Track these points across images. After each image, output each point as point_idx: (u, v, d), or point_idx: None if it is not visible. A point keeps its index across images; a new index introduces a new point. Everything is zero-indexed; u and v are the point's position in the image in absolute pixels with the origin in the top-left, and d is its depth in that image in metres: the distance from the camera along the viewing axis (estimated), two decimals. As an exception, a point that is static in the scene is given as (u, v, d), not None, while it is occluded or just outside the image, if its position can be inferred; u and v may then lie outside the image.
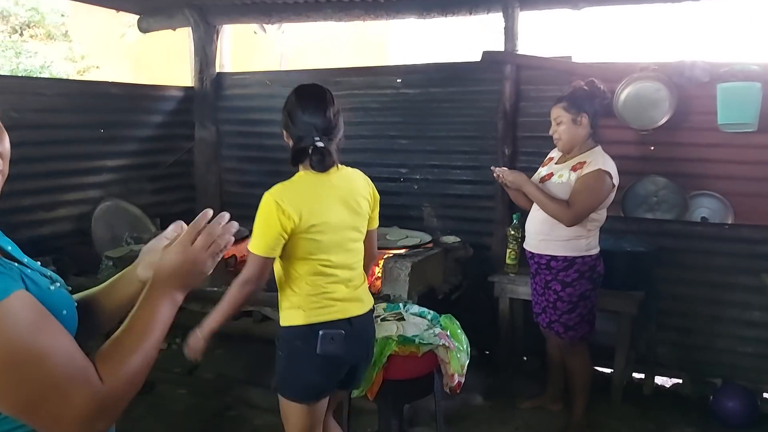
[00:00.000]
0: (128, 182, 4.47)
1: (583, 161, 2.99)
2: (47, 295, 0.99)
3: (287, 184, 2.12)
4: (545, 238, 3.07)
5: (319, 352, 2.06)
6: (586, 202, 2.92)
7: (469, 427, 3.33)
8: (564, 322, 3.10)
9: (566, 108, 3.02)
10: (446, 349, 2.53)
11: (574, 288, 3.05)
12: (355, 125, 4.49)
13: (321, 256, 2.09)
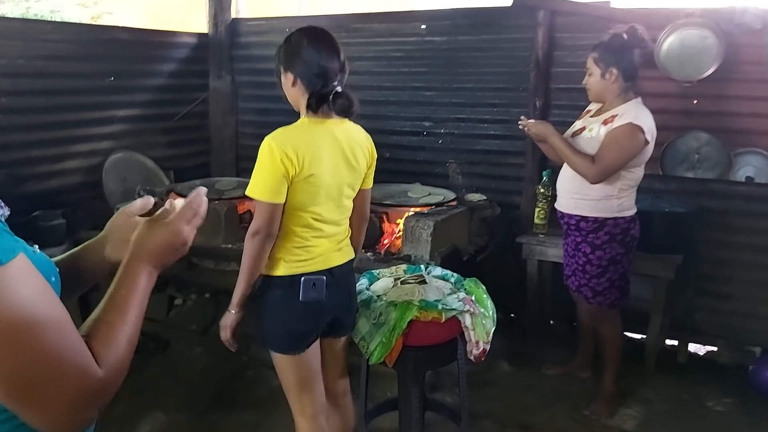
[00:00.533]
0: (141, 134, 4.30)
1: (614, 114, 2.77)
2: (35, 258, 0.85)
3: (289, 129, 2.01)
4: (575, 197, 2.88)
5: (302, 299, 2.03)
6: (612, 158, 2.70)
7: (493, 393, 3.19)
8: (593, 286, 2.92)
9: (596, 60, 2.81)
10: (471, 315, 2.36)
11: (604, 251, 2.86)
12: (376, 75, 4.27)
13: (313, 208, 2.01)
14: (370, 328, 2.34)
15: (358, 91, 4.27)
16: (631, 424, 2.95)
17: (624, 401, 3.14)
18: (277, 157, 1.89)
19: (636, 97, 2.82)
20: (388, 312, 2.32)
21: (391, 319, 2.30)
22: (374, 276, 2.67)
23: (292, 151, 1.90)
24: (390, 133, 4.27)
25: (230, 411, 3.06)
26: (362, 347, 2.35)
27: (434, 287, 2.53)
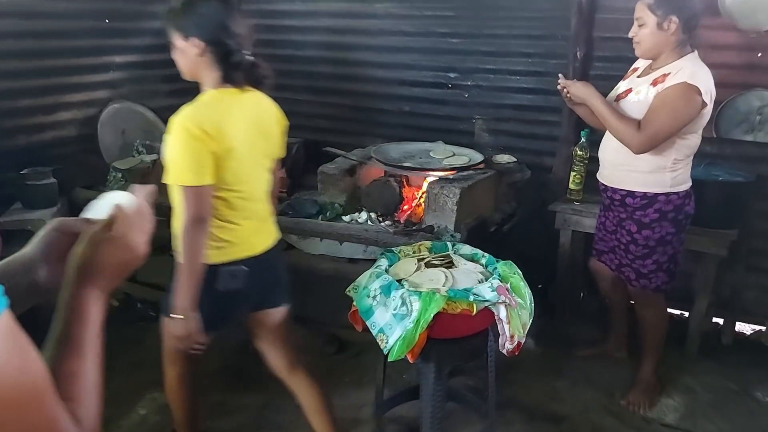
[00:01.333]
0: (140, 82, 3.95)
1: (666, 73, 2.38)
2: None
3: (199, 104, 1.85)
4: (622, 168, 2.55)
5: (221, 290, 1.93)
6: (662, 124, 2.34)
7: (520, 377, 2.93)
8: (636, 268, 2.62)
9: (651, 6, 2.37)
10: (506, 306, 2.07)
11: (653, 230, 2.54)
12: (396, 19, 3.87)
13: (236, 186, 1.88)
14: (389, 319, 2.06)
15: (376, 37, 3.98)
16: (672, 417, 2.69)
17: (664, 389, 2.87)
18: (196, 136, 1.74)
19: (692, 51, 2.43)
20: (411, 301, 2.03)
21: (415, 311, 2.01)
22: (395, 256, 2.36)
23: (210, 126, 1.75)
24: (411, 84, 3.90)
25: (235, 391, 2.84)
26: (381, 341, 2.07)
27: (464, 271, 2.23)
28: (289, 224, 3.04)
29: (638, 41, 2.46)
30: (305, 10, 4.13)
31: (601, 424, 2.63)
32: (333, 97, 4.12)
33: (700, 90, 2.31)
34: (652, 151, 2.41)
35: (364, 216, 3.10)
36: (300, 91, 4.22)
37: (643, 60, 2.58)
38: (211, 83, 1.87)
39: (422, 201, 3.05)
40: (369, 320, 2.12)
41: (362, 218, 3.09)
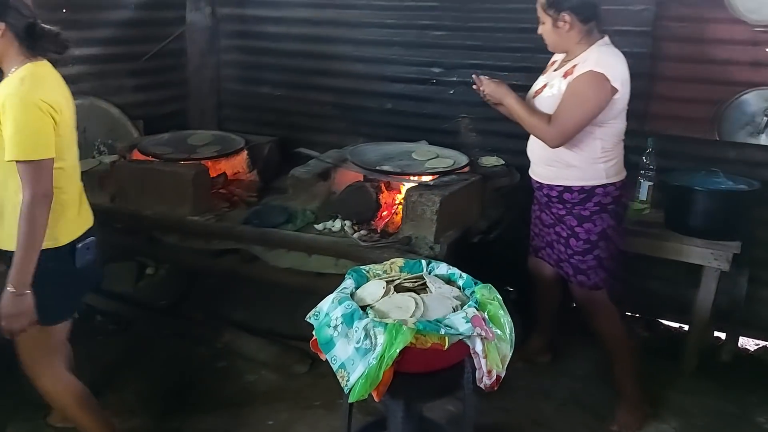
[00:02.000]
0: (103, 76, 3.70)
1: (575, 64, 2.36)
2: None
3: (29, 78, 1.84)
4: (555, 165, 2.47)
5: (79, 266, 1.99)
6: (571, 116, 2.31)
7: (502, 401, 2.69)
8: (575, 263, 2.52)
9: (544, 7, 2.39)
10: (482, 339, 1.85)
11: (594, 224, 2.46)
12: (377, 10, 3.65)
13: (69, 159, 1.96)
14: (351, 353, 1.84)
15: (356, 29, 3.73)
16: (670, 447, 2.49)
17: (658, 412, 2.66)
18: (43, 109, 1.79)
19: (602, 37, 2.39)
20: (376, 334, 1.81)
21: (379, 345, 1.79)
22: (363, 276, 2.14)
23: (50, 98, 1.82)
24: (392, 80, 3.67)
25: (195, 413, 2.63)
26: (341, 378, 1.85)
27: (437, 296, 2.00)
28: (255, 234, 2.82)
29: (544, 39, 2.47)
30: (281, 1, 3.88)
31: (589, 455, 2.42)
32: (311, 93, 3.89)
33: (606, 76, 2.27)
34: (579, 144, 2.36)
35: (338, 224, 2.87)
36: (277, 86, 4.00)
37: (559, 55, 2.54)
38: (20, 60, 1.87)
39: (400, 209, 2.82)
40: (329, 353, 1.90)
41: (336, 226, 2.86)
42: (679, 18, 2.95)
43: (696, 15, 2.91)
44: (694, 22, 2.92)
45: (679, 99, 3.05)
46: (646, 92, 3.06)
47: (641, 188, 2.99)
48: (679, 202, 2.80)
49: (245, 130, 3.78)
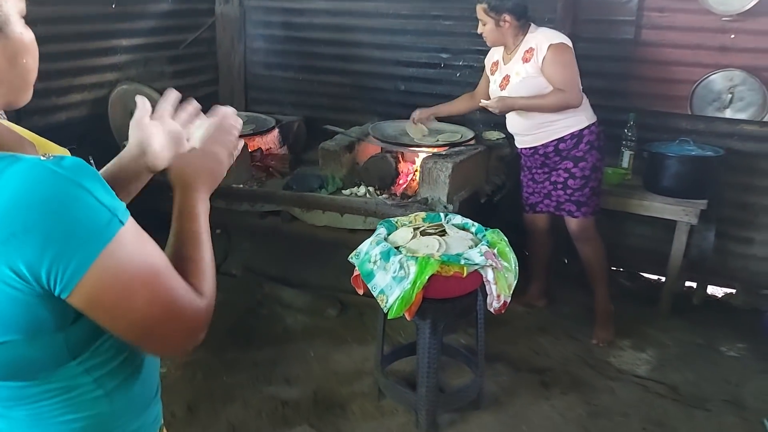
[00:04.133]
0: (146, 63, 4.13)
1: (530, 48, 2.87)
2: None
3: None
4: (544, 127, 2.98)
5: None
6: (572, 77, 2.85)
7: (506, 335, 3.20)
8: (576, 199, 3.04)
9: (486, 10, 2.88)
10: (493, 269, 2.32)
11: (587, 161, 3.00)
12: (392, 2, 4.05)
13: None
14: (389, 281, 2.31)
15: (373, 18, 4.19)
16: (644, 369, 2.98)
17: (638, 344, 3.16)
18: None
19: (530, 25, 2.92)
20: (408, 265, 2.28)
21: (411, 274, 2.26)
22: (392, 225, 2.61)
23: None
24: (406, 64, 4.10)
25: (247, 349, 3.09)
26: (381, 301, 2.32)
27: (455, 238, 2.47)
28: (294, 197, 3.28)
29: (486, 37, 2.96)
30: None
31: (580, 375, 2.91)
32: (332, 77, 4.32)
33: (566, 43, 2.84)
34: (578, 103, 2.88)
35: (363, 190, 3.33)
36: (300, 71, 4.42)
37: (495, 54, 3.09)
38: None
39: (417, 175, 3.28)
40: (370, 283, 2.37)
41: (361, 192, 3.32)
42: (659, 9, 3.39)
43: (673, 6, 3.34)
44: (670, 12, 3.36)
45: (658, 79, 3.50)
46: (630, 73, 3.52)
47: (623, 157, 3.45)
48: (655, 167, 3.27)
49: (270, 111, 4.21)
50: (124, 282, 0.81)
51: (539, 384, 2.85)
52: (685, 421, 2.63)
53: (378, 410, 2.66)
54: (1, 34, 0.84)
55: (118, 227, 0.80)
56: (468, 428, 2.56)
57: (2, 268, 0.76)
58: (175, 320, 0.87)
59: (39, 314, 0.81)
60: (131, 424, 0.99)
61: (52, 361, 0.87)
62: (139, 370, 0.99)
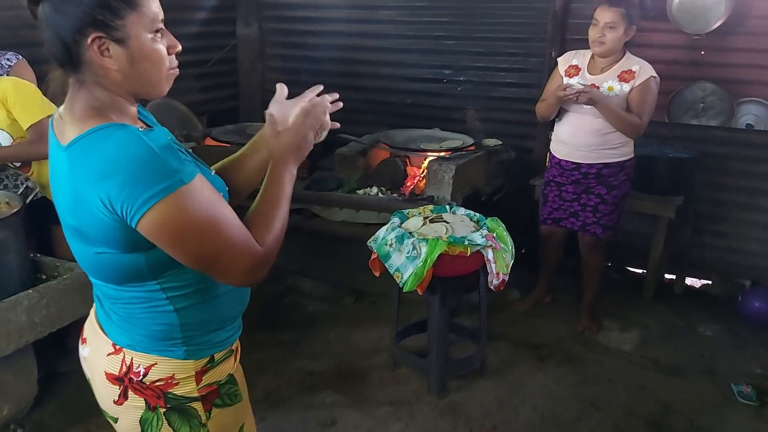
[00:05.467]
0: (177, 80, 4.52)
1: (629, 70, 3.02)
2: (211, 179, 1.23)
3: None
4: (600, 148, 3.14)
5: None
6: (650, 110, 3.02)
7: (506, 318, 3.57)
8: (604, 223, 3.26)
9: (623, 15, 2.94)
10: (493, 249, 2.70)
11: (620, 190, 3.21)
12: (399, 24, 4.48)
13: None
14: (404, 260, 2.68)
15: (382, 39, 4.61)
16: (630, 346, 3.34)
17: (623, 326, 3.52)
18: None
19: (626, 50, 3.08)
20: (420, 246, 2.65)
21: (423, 253, 2.64)
22: (405, 215, 2.99)
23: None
24: (412, 80, 4.52)
25: (274, 331, 3.45)
26: (397, 277, 2.70)
27: (460, 225, 2.85)
28: (314, 196, 3.67)
29: (604, 42, 2.98)
30: (320, 16, 4.74)
31: (572, 350, 3.27)
32: (345, 92, 4.54)
33: (658, 79, 3.04)
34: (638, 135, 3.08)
35: (375, 190, 3.71)
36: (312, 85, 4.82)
37: (574, 58, 3.18)
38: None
39: (423, 176, 3.67)
40: (387, 262, 2.75)
41: (373, 192, 3.71)
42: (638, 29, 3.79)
43: (649, 27, 3.72)
44: (647, 32, 3.75)
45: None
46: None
47: (610, 160, 3.83)
48: (640, 168, 3.64)
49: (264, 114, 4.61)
50: (179, 224, 1.09)
51: (535, 358, 3.21)
52: (664, 386, 2.99)
53: (394, 378, 3.02)
54: (123, 45, 1.12)
55: (180, 184, 1.07)
56: (473, 393, 2.92)
57: (96, 199, 1.07)
58: (229, 259, 1.14)
59: (120, 236, 1.12)
60: (199, 338, 1.28)
61: (135, 274, 1.18)
62: (211, 301, 1.28)
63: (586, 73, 3.13)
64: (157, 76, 1.20)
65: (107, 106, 1.16)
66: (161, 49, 1.19)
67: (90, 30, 1.09)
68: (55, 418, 2.68)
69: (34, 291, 2.38)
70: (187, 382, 1.28)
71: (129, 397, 1.27)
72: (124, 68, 1.14)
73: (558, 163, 3.31)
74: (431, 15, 4.36)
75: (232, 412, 1.37)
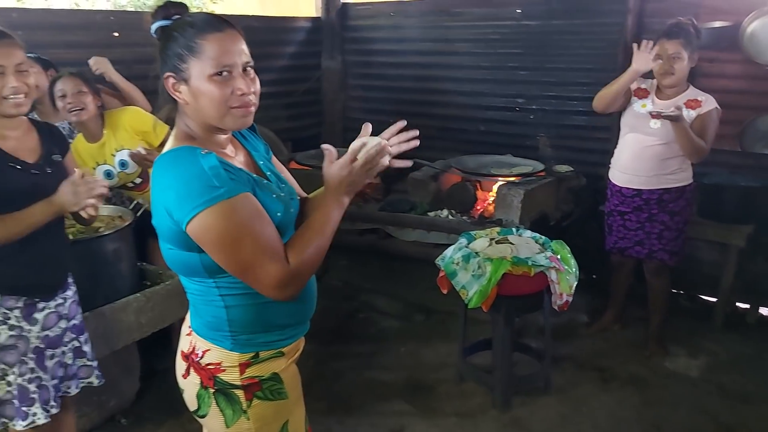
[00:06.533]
0: (267, 109, 4.85)
1: (696, 99, 3.13)
2: (269, 200, 1.39)
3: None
4: (661, 173, 3.21)
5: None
6: (712, 140, 3.09)
7: (572, 341, 3.66)
8: (670, 249, 3.32)
9: (684, 45, 3.06)
10: (556, 271, 2.83)
11: (681, 216, 3.27)
12: (474, 56, 4.70)
13: None
14: (469, 278, 2.86)
15: (457, 70, 4.83)
16: (696, 372, 3.35)
17: (691, 353, 3.53)
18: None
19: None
20: (485, 266, 2.83)
21: (487, 272, 2.81)
22: (472, 236, 3.17)
23: None
24: (485, 108, 4.72)
25: (348, 344, 3.68)
26: (463, 294, 2.87)
27: (525, 246, 3.00)
28: (388, 217, 3.91)
29: (673, 72, 3.10)
30: (398, 49, 5.03)
31: (637, 373, 3.32)
32: (420, 119, 4.90)
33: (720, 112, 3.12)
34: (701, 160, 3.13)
35: (445, 213, 3.92)
36: (392, 115, 5.05)
37: (642, 83, 3.26)
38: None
39: (493, 200, 3.84)
40: (454, 280, 2.93)
41: (443, 214, 3.91)
42: (709, 59, 3.82)
43: (721, 57, 3.79)
44: (720, 62, 3.81)
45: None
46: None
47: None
48: (710, 196, 3.69)
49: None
50: (218, 231, 1.27)
51: (600, 379, 3.29)
52: (728, 411, 3.00)
53: (460, 392, 3.18)
54: (187, 84, 1.35)
55: (220, 199, 1.25)
56: (536, 409, 3.04)
57: (162, 206, 1.31)
58: (259, 271, 1.29)
59: (178, 236, 1.32)
60: (244, 336, 1.44)
61: (195, 270, 1.39)
62: (259, 306, 1.42)
63: (655, 98, 3.24)
64: (215, 111, 1.36)
65: (194, 132, 1.41)
66: (217, 89, 1.34)
67: (166, 72, 1.37)
68: (153, 412, 3.01)
69: (142, 295, 2.72)
70: (232, 371, 1.46)
71: (191, 374, 1.50)
72: (191, 102, 1.37)
73: (619, 191, 3.38)
74: (505, 47, 4.56)
75: (273, 406, 1.51)
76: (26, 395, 2.00)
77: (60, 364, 2.12)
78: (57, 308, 2.09)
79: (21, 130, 1.98)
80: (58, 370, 2.12)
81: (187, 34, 1.35)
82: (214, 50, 1.34)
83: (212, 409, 1.49)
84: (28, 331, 2.00)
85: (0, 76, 1.83)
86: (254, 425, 1.49)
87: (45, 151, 2.01)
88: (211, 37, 1.34)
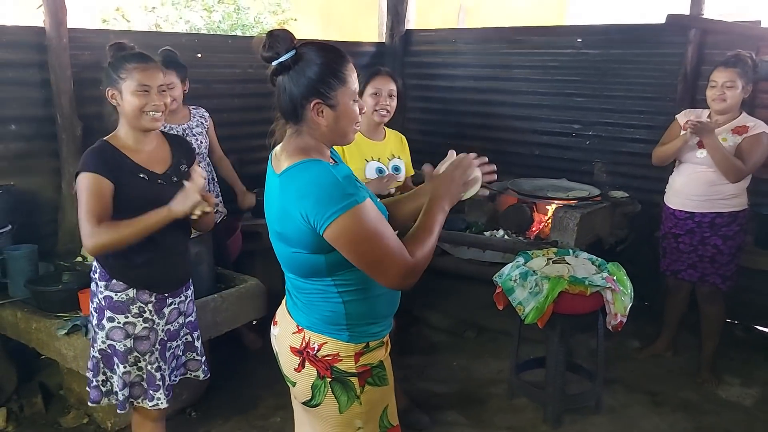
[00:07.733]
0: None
1: (744, 125, 3.23)
2: (377, 205, 1.63)
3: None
4: (713, 197, 3.30)
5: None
6: (758, 162, 3.19)
7: (624, 365, 3.70)
8: (722, 273, 3.37)
9: (740, 74, 3.17)
10: (612, 291, 2.91)
11: (734, 240, 3.33)
12: (532, 82, 4.82)
13: None
14: (527, 295, 2.96)
15: (514, 95, 4.98)
16: (750, 401, 3.35)
17: (746, 382, 3.52)
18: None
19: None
20: (543, 283, 2.93)
21: (545, 289, 2.91)
22: (528, 256, 3.27)
23: None
24: (541, 133, 4.82)
25: (402, 356, 3.78)
26: (519, 310, 2.97)
27: (581, 266, 3.09)
28: (444, 235, 4.02)
29: (725, 99, 3.21)
30: (456, 74, 5.20)
31: (689, 399, 3.35)
32: (476, 142, 5.08)
33: None
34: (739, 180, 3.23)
35: (501, 233, 4.02)
36: (449, 137, 5.26)
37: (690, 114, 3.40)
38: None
39: (549, 222, 3.93)
40: (511, 296, 3.03)
41: (499, 234, 4.01)
42: (764, 90, 3.87)
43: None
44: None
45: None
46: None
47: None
48: (766, 226, 3.70)
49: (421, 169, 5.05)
50: (354, 232, 1.47)
51: (651, 402, 3.33)
52: (783, 441, 3.00)
53: (511, 407, 3.27)
54: (334, 109, 1.57)
55: (354, 204, 1.46)
56: (586, 427, 3.10)
57: (297, 213, 1.49)
58: (388, 264, 1.49)
59: (311, 240, 1.52)
60: (359, 327, 1.64)
61: (316, 271, 1.58)
62: (371, 299, 1.63)
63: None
64: (350, 129, 1.63)
65: (312, 148, 1.60)
66: (357, 110, 1.62)
67: (313, 98, 1.56)
68: (221, 408, 3.19)
69: (218, 296, 2.92)
70: (349, 360, 1.64)
71: (305, 367, 1.67)
72: (330, 124, 1.59)
73: (672, 213, 3.48)
74: (563, 74, 4.66)
75: (380, 391, 1.71)
76: (153, 381, 2.24)
77: (174, 356, 2.35)
78: (179, 305, 2.33)
79: (155, 143, 2.23)
80: (173, 362, 2.35)
81: (335, 64, 1.56)
82: (355, 77, 1.60)
83: (327, 398, 1.66)
84: (157, 324, 2.25)
85: (145, 94, 2.08)
86: (365, 408, 1.68)
87: (174, 162, 2.26)
88: (351, 67, 1.60)
